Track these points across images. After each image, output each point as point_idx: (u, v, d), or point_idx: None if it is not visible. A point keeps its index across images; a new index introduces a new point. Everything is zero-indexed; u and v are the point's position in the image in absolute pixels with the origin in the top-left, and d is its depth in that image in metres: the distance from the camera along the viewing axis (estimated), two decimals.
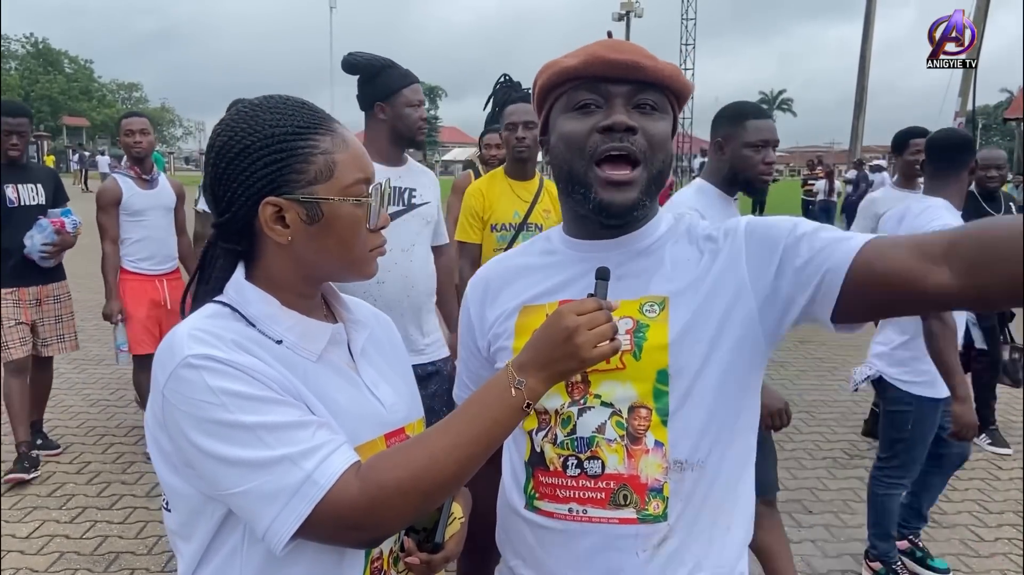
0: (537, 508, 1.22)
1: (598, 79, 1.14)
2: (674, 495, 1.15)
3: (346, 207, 1.03)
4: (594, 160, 1.14)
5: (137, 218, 4.36)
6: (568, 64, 1.16)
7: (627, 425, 1.16)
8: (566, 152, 1.17)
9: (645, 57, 1.14)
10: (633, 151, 1.13)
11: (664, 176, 1.18)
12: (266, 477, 0.92)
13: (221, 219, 1.06)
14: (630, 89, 1.14)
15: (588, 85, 1.15)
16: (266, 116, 1.03)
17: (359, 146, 1.07)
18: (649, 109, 1.15)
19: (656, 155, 1.15)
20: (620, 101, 1.14)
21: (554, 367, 0.99)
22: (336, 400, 1.05)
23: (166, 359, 0.97)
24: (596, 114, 1.15)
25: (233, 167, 1.02)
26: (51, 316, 4.35)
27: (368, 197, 1.04)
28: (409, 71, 2.86)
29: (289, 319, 1.06)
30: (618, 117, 1.12)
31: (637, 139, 1.13)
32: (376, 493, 0.93)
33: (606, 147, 1.13)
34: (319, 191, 1.02)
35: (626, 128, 1.12)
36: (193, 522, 1.03)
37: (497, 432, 0.98)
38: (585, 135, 1.14)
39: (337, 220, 1.03)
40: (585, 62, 1.14)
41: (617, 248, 1.21)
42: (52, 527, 3.55)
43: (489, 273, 1.34)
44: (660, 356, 1.14)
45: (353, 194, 1.03)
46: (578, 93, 1.16)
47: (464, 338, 1.37)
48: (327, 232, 1.03)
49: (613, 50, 1.13)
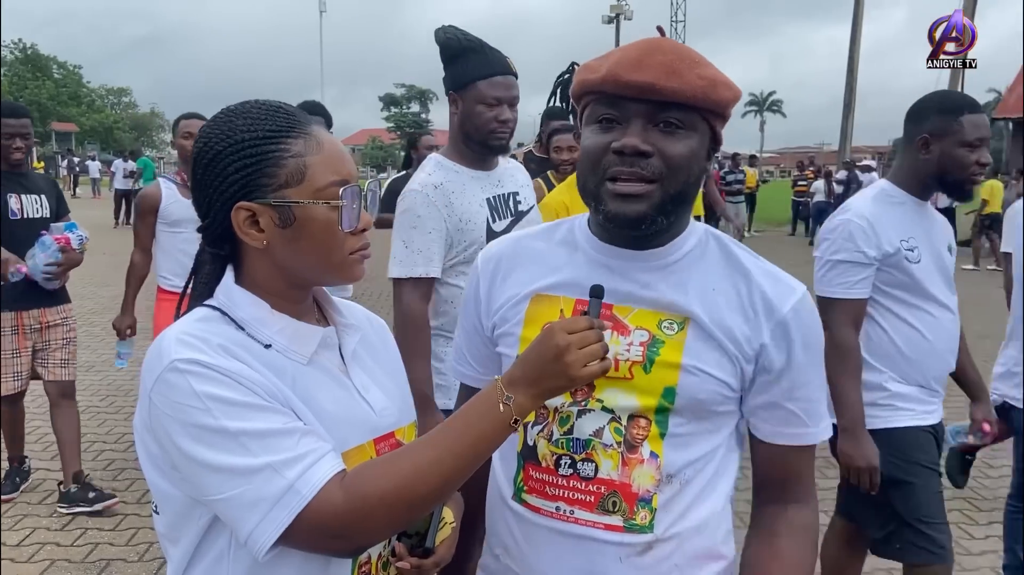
0: (524, 501, 1.22)
1: (619, 96, 1.11)
2: (662, 508, 1.16)
3: (319, 210, 1.02)
4: (606, 178, 1.12)
5: (174, 229, 3.89)
6: (588, 78, 1.14)
7: (625, 433, 1.16)
8: (583, 165, 1.16)
9: (667, 76, 1.08)
10: (644, 174, 1.10)
11: (687, 195, 1.15)
12: (248, 485, 0.92)
13: (203, 224, 1.07)
14: (650, 108, 1.10)
15: (608, 100, 1.12)
16: (238, 122, 1.03)
17: (336, 148, 1.06)
18: (673, 127, 1.10)
19: (676, 176, 1.11)
20: (639, 120, 1.10)
21: (543, 384, 0.99)
22: (324, 405, 1.05)
23: (154, 363, 0.97)
24: (614, 131, 1.12)
25: (208, 173, 1.03)
26: (56, 341, 3.85)
27: (340, 200, 1.03)
28: (499, 59, 2.35)
29: (279, 322, 1.06)
30: (629, 140, 1.09)
31: (651, 162, 1.09)
32: (360, 504, 0.93)
33: (616, 170, 1.11)
34: (290, 194, 1.02)
35: (637, 152, 1.09)
36: (181, 525, 1.03)
37: (483, 447, 0.98)
38: (600, 153, 1.12)
39: (310, 223, 1.02)
40: (604, 79, 1.11)
41: (640, 260, 1.19)
42: (43, 535, 3.53)
43: (503, 251, 1.32)
44: (671, 374, 1.15)
45: (325, 197, 1.02)
46: (599, 107, 1.14)
47: (468, 311, 1.35)
48: (302, 235, 1.03)
49: (634, 68, 1.09)
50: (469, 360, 1.38)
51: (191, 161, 1.07)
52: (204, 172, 1.04)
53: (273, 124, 1.03)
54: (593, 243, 1.23)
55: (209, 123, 1.06)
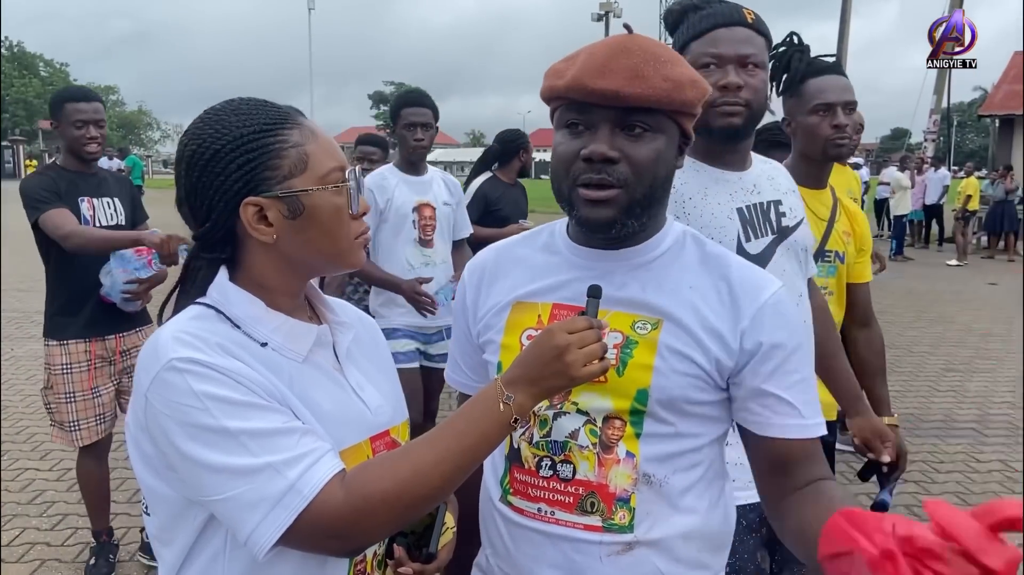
0: (510, 503, 1.24)
1: (584, 102, 1.12)
2: (641, 507, 1.17)
3: (326, 195, 1.03)
4: (577, 184, 1.13)
5: None
6: (554, 84, 1.14)
7: (600, 434, 1.17)
8: (554, 170, 1.17)
9: (631, 81, 1.07)
10: (610, 181, 1.11)
11: (654, 197, 1.16)
12: (249, 485, 0.92)
13: (202, 230, 1.05)
14: (616, 113, 1.10)
15: (575, 106, 1.13)
16: (231, 119, 1.02)
17: (327, 136, 1.07)
18: (639, 131, 1.11)
19: (641, 180, 1.12)
20: (606, 126, 1.11)
21: (543, 384, 1.00)
22: (321, 403, 1.04)
23: (150, 362, 0.96)
24: (583, 136, 1.13)
25: (207, 175, 1.02)
26: None
27: (346, 183, 1.04)
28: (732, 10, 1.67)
29: (274, 320, 1.05)
30: (596, 147, 1.10)
31: (617, 168, 1.11)
32: (361, 504, 0.93)
33: (585, 177, 1.12)
34: (297, 184, 1.02)
35: (604, 159, 1.10)
36: (174, 526, 1.02)
37: (483, 446, 0.99)
38: (570, 159, 1.14)
39: (319, 210, 1.03)
40: (568, 86, 1.11)
41: (617, 260, 1.20)
42: (33, 534, 3.52)
43: (487, 260, 1.34)
44: (643, 376, 1.15)
45: (331, 182, 1.03)
46: (567, 112, 1.15)
47: (458, 320, 1.37)
48: (311, 224, 1.03)
49: (597, 75, 1.08)
50: (462, 367, 1.39)
51: (184, 166, 1.04)
52: (202, 174, 1.02)
53: (266, 117, 1.03)
54: (571, 247, 1.25)
55: (197, 124, 1.04)
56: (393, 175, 3.59)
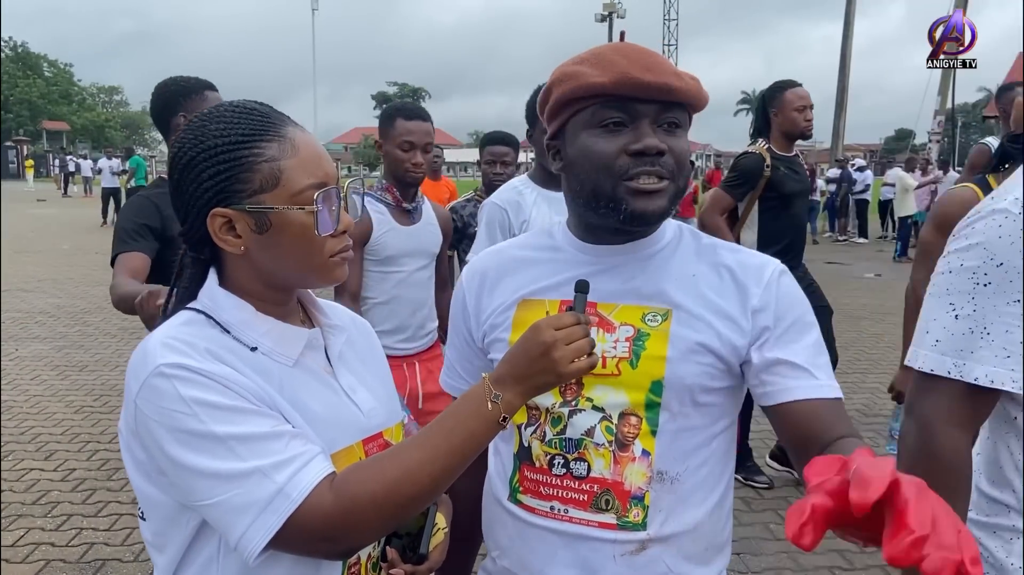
0: (520, 502, 1.23)
1: (627, 99, 1.12)
2: (654, 505, 1.17)
3: (294, 215, 1.01)
4: (624, 179, 1.13)
5: (387, 268, 2.77)
6: (596, 81, 1.13)
7: (616, 431, 1.17)
8: (592, 171, 1.15)
9: (674, 76, 1.13)
10: (663, 173, 1.13)
11: (685, 190, 1.20)
12: (237, 489, 0.92)
13: (182, 229, 1.06)
14: (658, 108, 1.13)
15: (616, 104, 1.13)
16: (211, 127, 1.02)
17: (312, 150, 1.04)
18: (674, 128, 1.15)
19: (683, 172, 1.16)
20: (648, 121, 1.13)
21: (531, 381, 0.99)
22: (312, 406, 1.04)
23: (139, 368, 0.96)
24: (623, 134, 1.13)
25: (184, 179, 1.02)
26: None
27: (314, 205, 1.01)
28: None
29: (264, 324, 1.05)
30: (650, 141, 1.12)
31: (666, 161, 1.13)
32: (350, 506, 0.93)
33: (638, 170, 1.12)
34: (266, 199, 1.00)
35: (658, 152, 1.12)
36: (168, 531, 1.02)
37: (472, 445, 0.98)
38: (614, 156, 1.13)
39: (286, 228, 1.01)
40: (616, 82, 1.11)
41: (622, 254, 1.21)
42: (37, 535, 3.52)
43: (487, 264, 1.34)
44: (657, 367, 1.15)
45: (301, 201, 1.01)
46: (605, 111, 1.14)
47: (457, 326, 1.36)
48: (278, 241, 1.02)
49: (645, 70, 1.11)
50: (461, 374, 1.38)
51: (168, 167, 1.05)
52: (180, 178, 1.02)
53: (246, 127, 1.01)
54: (575, 244, 1.25)
55: (184, 128, 1.04)
56: (530, 189, 2.77)
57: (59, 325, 7.76)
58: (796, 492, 4.00)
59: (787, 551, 3.41)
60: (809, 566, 3.31)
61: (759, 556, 3.39)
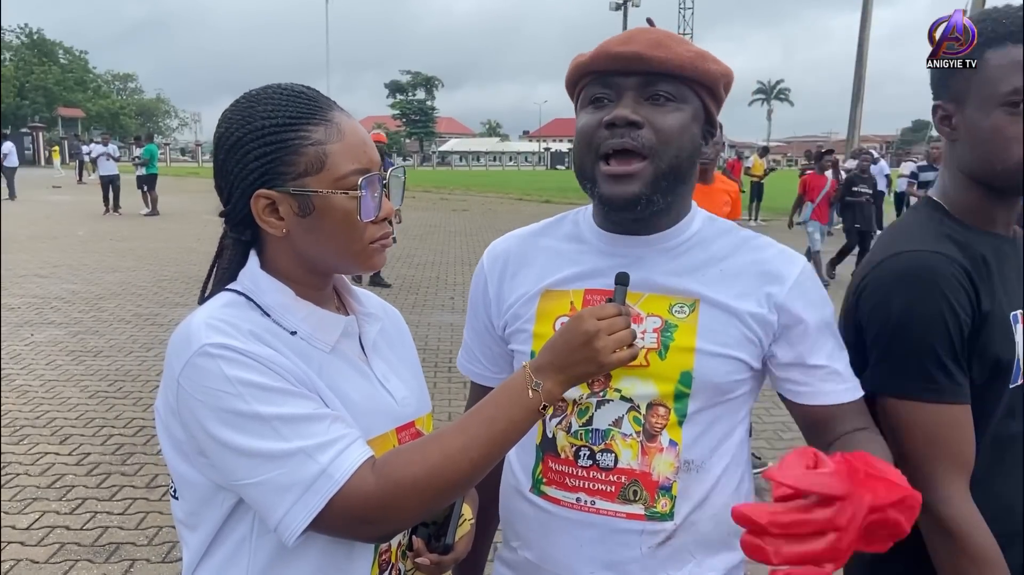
0: (543, 493, 1.22)
1: (608, 73, 1.13)
2: (682, 495, 1.16)
3: (338, 199, 1.01)
4: (600, 155, 1.13)
5: None
6: (580, 60, 1.16)
7: (644, 422, 1.16)
8: (578, 147, 1.17)
9: (654, 47, 1.10)
10: (636, 147, 1.10)
11: (681, 171, 1.14)
12: (281, 469, 0.92)
13: (226, 209, 1.06)
14: (640, 80, 1.11)
15: (600, 79, 1.14)
16: (259, 108, 1.02)
17: (357, 136, 1.04)
18: (663, 100, 1.12)
19: (667, 148, 1.11)
20: (631, 94, 1.12)
21: (572, 371, 0.99)
22: (348, 393, 1.05)
23: (182, 347, 0.96)
24: (607, 108, 1.13)
25: (229, 159, 1.03)
26: None
27: (359, 191, 1.02)
28: None
29: (303, 310, 1.06)
30: (619, 112, 1.10)
31: (642, 134, 1.10)
32: (392, 489, 0.93)
33: (609, 143, 1.11)
34: (310, 183, 1.00)
35: (628, 123, 1.10)
36: (201, 511, 1.03)
37: (512, 433, 0.98)
38: (593, 130, 1.13)
39: (329, 213, 1.01)
40: (593, 56, 1.13)
41: (647, 246, 1.20)
42: (52, 518, 3.55)
43: (509, 249, 1.33)
44: (686, 358, 1.15)
45: (345, 186, 1.01)
46: (592, 88, 1.15)
47: (477, 310, 1.36)
48: (321, 224, 1.02)
49: (621, 42, 1.11)
50: (480, 358, 1.38)
51: (214, 146, 1.06)
52: (226, 158, 1.03)
53: (294, 110, 1.02)
54: (598, 234, 1.24)
55: (231, 108, 1.05)
56: None
57: (74, 311, 7.81)
58: None
59: None
60: None
61: None
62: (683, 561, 1.18)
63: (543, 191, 28.95)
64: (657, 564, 1.17)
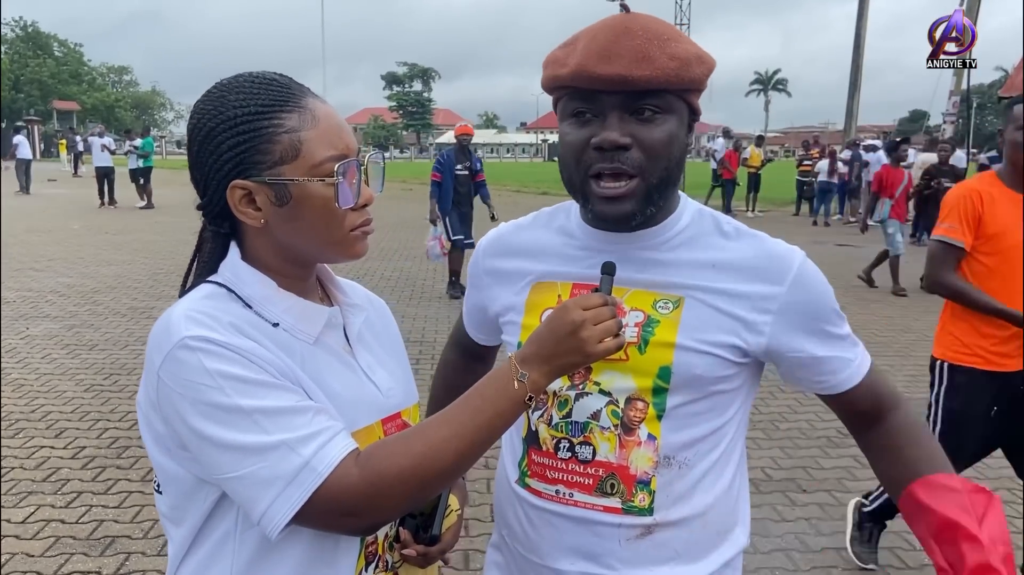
0: (528, 485, 1.23)
1: (590, 90, 1.09)
2: (661, 490, 1.16)
3: (315, 187, 0.99)
4: (589, 175, 1.11)
5: None
6: (558, 73, 1.11)
7: (622, 415, 1.16)
8: (566, 161, 1.14)
9: (638, 63, 1.05)
10: (624, 170, 1.09)
11: (670, 180, 1.13)
12: (263, 463, 0.91)
13: (201, 202, 1.05)
14: (625, 98, 1.07)
15: (581, 94, 1.10)
16: (231, 97, 1.00)
17: (333, 121, 1.02)
18: (649, 114, 1.08)
19: (656, 164, 1.10)
20: (615, 113, 1.08)
21: (558, 361, 0.98)
22: (332, 385, 1.04)
23: (162, 340, 0.95)
24: (591, 124, 1.10)
25: (203, 151, 1.01)
26: None
27: (334, 177, 1.00)
28: None
29: (286, 301, 1.04)
30: (608, 135, 1.07)
31: (630, 155, 1.08)
32: (376, 481, 0.92)
33: (598, 167, 1.09)
34: (286, 171, 0.99)
35: (616, 147, 1.07)
36: (185, 506, 1.02)
37: (498, 424, 0.97)
38: (580, 149, 1.11)
39: (306, 201, 1.00)
40: (573, 75, 1.08)
41: (634, 242, 1.19)
42: (47, 512, 3.55)
43: (503, 238, 1.34)
44: (665, 354, 1.14)
45: (321, 173, 1.00)
46: (573, 102, 1.12)
47: (472, 291, 1.39)
48: (299, 213, 1.00)
49: (602, 60, 1.06)
50: (475, 325, 1.44)
51: (188, 138, 1.04)
52: (199, 149, 1.01)
53: (266, 98, 1.00)
54: (585, 230, 1.23)
55: (203, 98, 1.03)
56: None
57: (69, 304, 7.79)
58: (805, 474, 4.00)
59: (794, 532, 3.41)
60: (816, 547, 3.30)
61: (768, 538, 3.39)
62: (666, 557, 1.17)
63: (540, 183, 28.92)
64: (637, 558, 1.17)
